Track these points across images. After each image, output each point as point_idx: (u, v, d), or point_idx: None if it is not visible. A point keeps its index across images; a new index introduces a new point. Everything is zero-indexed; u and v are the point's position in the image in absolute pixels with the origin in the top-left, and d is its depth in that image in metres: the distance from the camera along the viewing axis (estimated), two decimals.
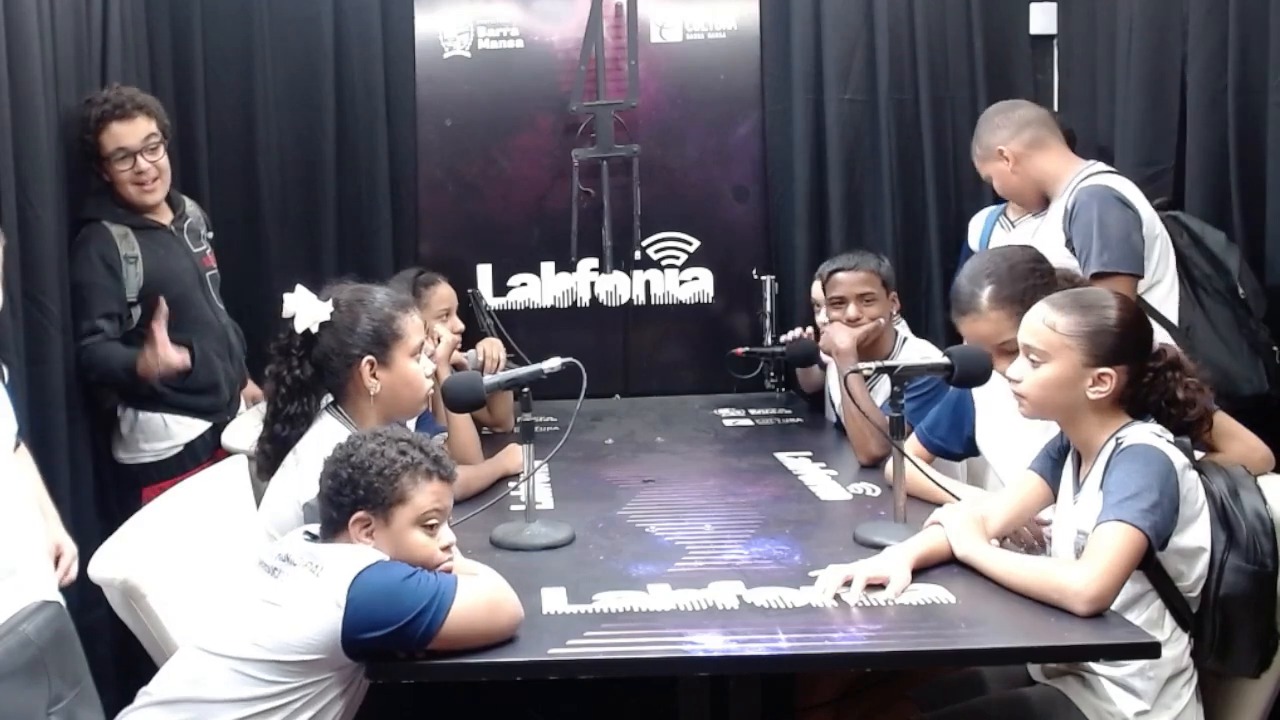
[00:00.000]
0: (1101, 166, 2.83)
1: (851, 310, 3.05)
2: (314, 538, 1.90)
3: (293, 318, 2.24)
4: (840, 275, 3.09)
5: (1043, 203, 2.93)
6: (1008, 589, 1.90)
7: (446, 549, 1.87)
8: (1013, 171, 2.91)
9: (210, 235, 3.28)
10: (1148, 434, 1.96)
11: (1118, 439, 1.97)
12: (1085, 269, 2.63)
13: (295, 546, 1.85)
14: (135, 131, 2.98)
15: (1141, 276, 2.67)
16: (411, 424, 2.60)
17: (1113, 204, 2.68)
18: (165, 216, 3.11)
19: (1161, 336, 2.49)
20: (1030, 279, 2.33)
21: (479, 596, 1.77)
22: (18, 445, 2.31)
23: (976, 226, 3.54)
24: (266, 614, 1.77)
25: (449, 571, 1.85)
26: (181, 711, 1.79)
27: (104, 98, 2.98)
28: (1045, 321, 2.02)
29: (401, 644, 1.72)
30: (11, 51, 2.65)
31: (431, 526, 1.86)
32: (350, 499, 1.83)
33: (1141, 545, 1.83)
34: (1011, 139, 2.90)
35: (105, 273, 2.92)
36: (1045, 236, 2.80)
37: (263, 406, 2.53)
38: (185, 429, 3.03)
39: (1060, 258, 2.64)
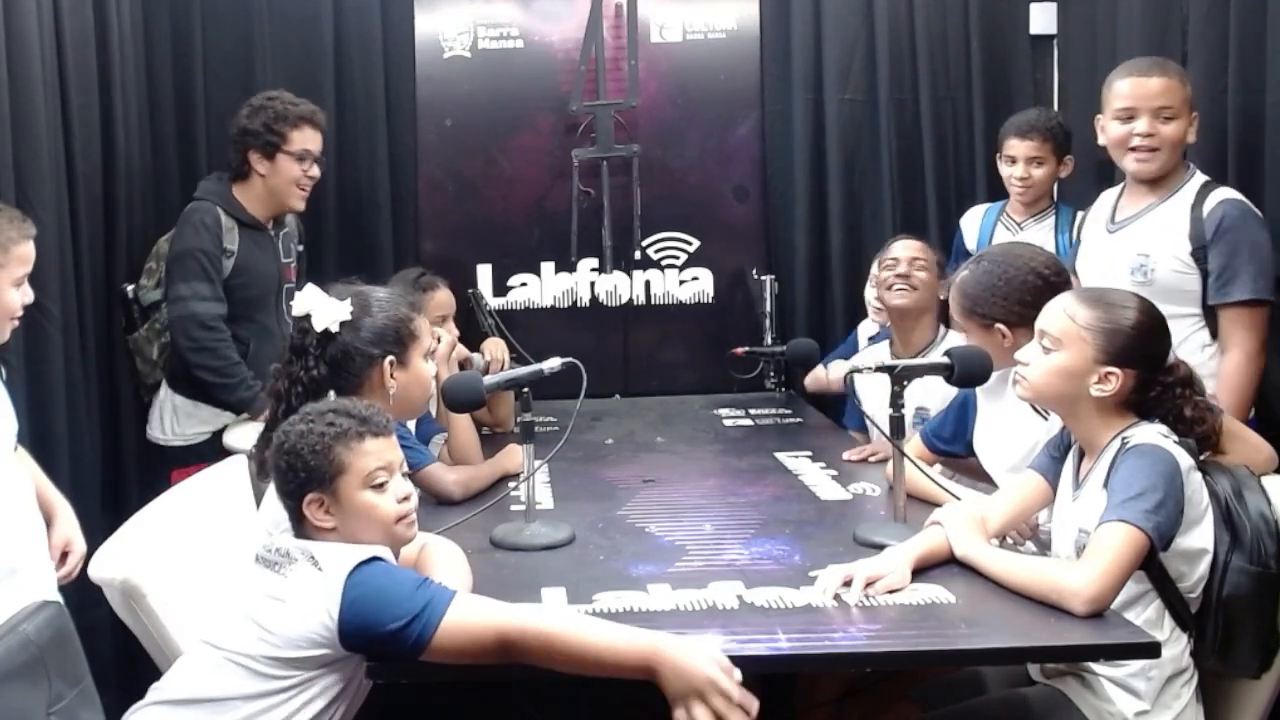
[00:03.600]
0: (1203, 175, 2.68)
1: (902, 268, 3.05)
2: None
3: (305, 316, 2.23)
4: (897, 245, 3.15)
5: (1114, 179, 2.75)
6: (1008, 589, 1.90)
7: (405, 499, 1.86)
8: (1190, 140, 2.68)
9: (301, 249, 3.40)
10: (1154, 434, 1.96)
11: (1124, 438, 1.97)
12: (1228, 289, 2.53)
13: (289, 542, 1.85)
14: (319, 141, 3.20)
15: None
16: (412, 425, 2.61)
17: (1262, 226, 2.55)
18: (267, 222, 3.23)
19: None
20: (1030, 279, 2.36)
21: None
22: (17, 446, 2.31)
23: (972, 225, 3.49)
24: (271, 609, 1.77)
25: (410, 523, 1.86)
26: (189, 709, 1.79)
27: (295, 99, 3.18)
28: (1066, 311, 2.03)
29: (395, 648, 1.71)
30: (11, 51, 2.66)
31: (380, 485, 1.84)
32: (296, 485, 1.84)
33: (1143, 546, 1.83)
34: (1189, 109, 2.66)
35: (217, 252, 3.07)
36: (1158, 236, 2.63)
37: None
38: (216, 416, 3.12)
39: (1169, 259, 2.57)
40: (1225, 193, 2.62)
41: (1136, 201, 2.74)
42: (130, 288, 3.20)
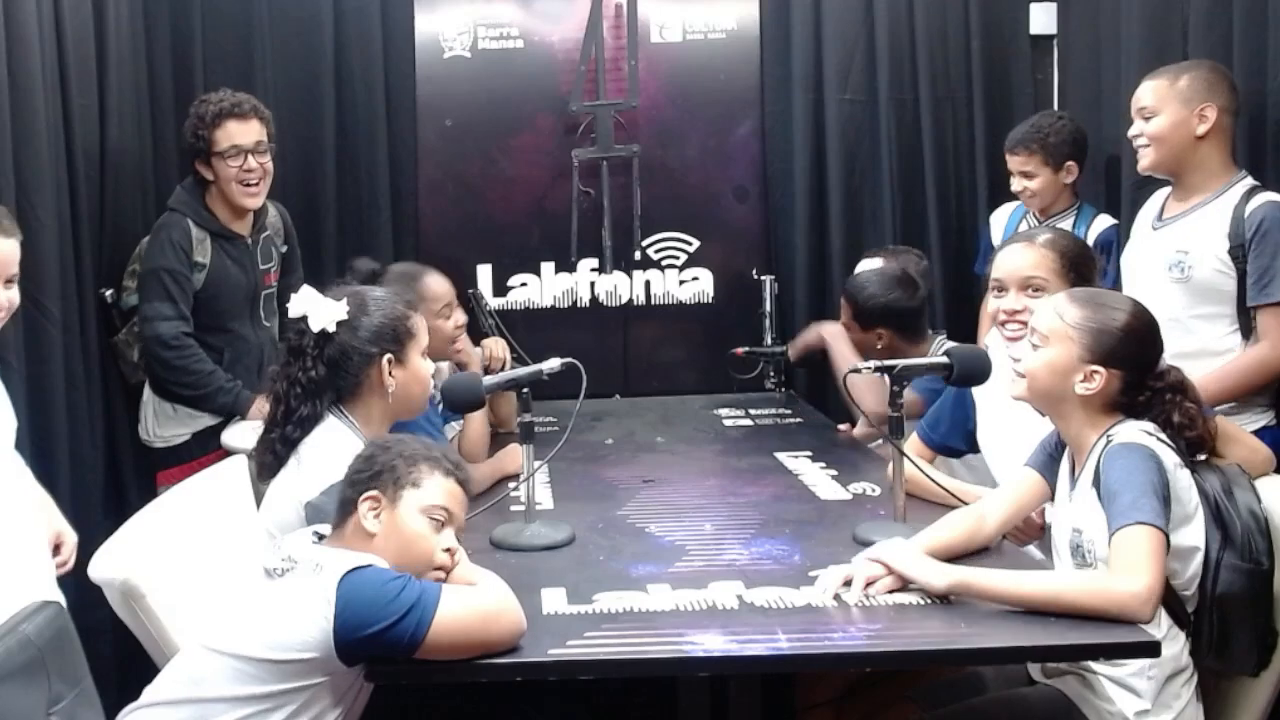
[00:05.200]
0: (1252, 179, 2.64)
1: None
2: (321, 538, 1.91)
3: (302, 318, 2.23)
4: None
5: (1164, 177, 2.74)
6: (1049, 611, 1.80)
7: (448, 552, 1.86)
8: (1198, 135, 2.62)
9: (285, 249, 3.34)
10: (1136, 431, 1.96)
11: (1109, 436, 1.97)
12: (1266, 291, 2.50)
13: (301, 549, 1.84)
14: (249, 132, 3.08)
15: None
16: None
17: None
18: (245, 227, 3.17)
19: None
20: (1088, 253, 2.43)
21: (470, 606, 1.75)
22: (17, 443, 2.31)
23: (999, 223, 3.50)
24: (267, 612, 1.77)
25: (446, 572, 1.85)
26: (182, 710, 1.79)
27: (220, 97, 3.10)
28: (1056, 309, 2.04)
29: (391, 647, 1.71)
30: (11, 51, 2.66)
31: (438, 523, 1.86)
32: (368, 475, 1.88)
33: (1164, 541, 1.83)
34: (1226, 110, 2.63)
35: (182, 269, 3.03)
36: (1198, 234, 2.61)
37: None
38: (194, 419, 3.10)
39: (1209, 257, 2.56)
40: (1270, 195, 2.57)
41: (1183, 201, 2.70)
42: (109, 292, 3.16)
